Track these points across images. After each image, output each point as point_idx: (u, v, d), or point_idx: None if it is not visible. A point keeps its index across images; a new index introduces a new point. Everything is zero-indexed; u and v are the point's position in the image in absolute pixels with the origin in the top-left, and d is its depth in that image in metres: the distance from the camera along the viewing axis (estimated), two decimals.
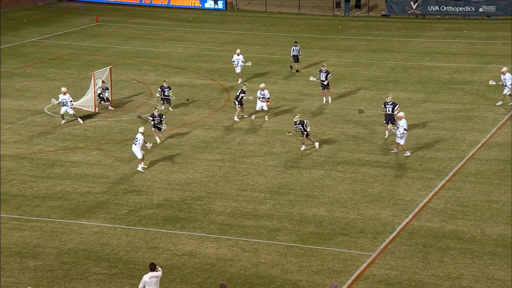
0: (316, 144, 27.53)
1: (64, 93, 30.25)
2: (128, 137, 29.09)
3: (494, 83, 32.01)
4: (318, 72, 33.23)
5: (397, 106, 27.93)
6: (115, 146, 28.22)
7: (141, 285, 16.99)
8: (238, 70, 35.92)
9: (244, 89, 30.70)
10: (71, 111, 30.46)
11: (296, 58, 37.94)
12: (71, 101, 30.25)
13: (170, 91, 31.81)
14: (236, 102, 30.61)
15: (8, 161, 26.60)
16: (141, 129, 25.66)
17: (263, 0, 56.93)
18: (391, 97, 28.11)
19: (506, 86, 31.58)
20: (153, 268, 17.09)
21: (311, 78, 33.22)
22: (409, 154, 26.73)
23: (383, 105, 28.31)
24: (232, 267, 19.36)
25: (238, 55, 35.85)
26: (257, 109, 30.86)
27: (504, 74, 31.57)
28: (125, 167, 26.08)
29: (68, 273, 19.05)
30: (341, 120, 31.06)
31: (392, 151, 27.17)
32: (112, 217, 22.23)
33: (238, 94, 30.68)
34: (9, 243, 20.57)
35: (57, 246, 20.41)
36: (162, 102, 31.85)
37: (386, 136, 28.63)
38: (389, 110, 27.71)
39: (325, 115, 31.78)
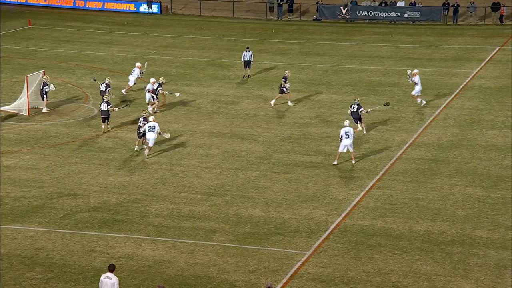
0: None
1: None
2: (63, 141, 28.80)
3: (408, 78, 33.26)
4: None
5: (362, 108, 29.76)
6: (50, 150, 27.90)
7: (100, 284, 16.85)
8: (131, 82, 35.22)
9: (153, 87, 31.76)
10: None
11: (247, 64, 37.74)
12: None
13: (108, 89, 31.75)
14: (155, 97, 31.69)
15: None
16: (151, 118, 27.26)
17: (197, 4, 57.02)
18: (358, 99, 30.06)
19: (415, 84, 32.86)
20: (111, 269, 16.89)
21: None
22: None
23: (349, 107, 30.16)
24: (169, 268, 19.42)
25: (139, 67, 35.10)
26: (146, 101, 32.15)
27: (414, 76, 32.75)
28: (60, 171, 25.82)
29: (1, 279, 18.75)
30: (275, 122, 31.46)
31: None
32: (47, 221, 21.97)
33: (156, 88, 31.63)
34: None
35: None
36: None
37: (364, 132, 29.82)
38: (354, 108, 29.55)
39: (260, 117, 32.13)
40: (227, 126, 30.86)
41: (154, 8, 56.47)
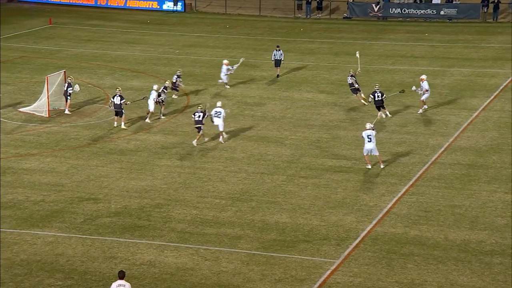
0: None
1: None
2: (84, 143, 28.41)
3: (415, 89, 31.92)
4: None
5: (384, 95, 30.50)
6: (70, 153, 27.53)
7: None
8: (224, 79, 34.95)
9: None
10: None
11: (278, 63, 37.30)
12: None
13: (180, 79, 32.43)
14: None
15: None
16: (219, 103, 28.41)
17: (223, 2, 56.56)
18: (378, 85, 30.65)
19: (423, 92, 31.37)
20: (121, 276, 16.70)
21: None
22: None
23: (371, 95, 30.51)
24: (192, 276, 19.01)
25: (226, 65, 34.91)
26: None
27: (422, 82, 31.48)
28: (81, 174, 25.44)
29: (20, 285, 18.50)
30: (303, 125, 30.90)
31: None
32: (68, 226, 21.64)
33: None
34: None
35: (8, 258, 19.79)
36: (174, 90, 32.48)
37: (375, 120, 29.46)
38: (378, 97, 30.05)
39: (287, 119, 31.57)
40: (253, 128, 30.35)
41: (179, 6, 56.05)
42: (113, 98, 29.74)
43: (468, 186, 24.67)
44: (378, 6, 53.18)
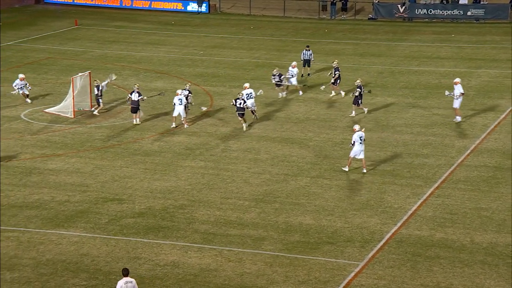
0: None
1: (22, 79, 32.96)
2: (108, 144, 28.50)
3: (448, 93, 31.15)
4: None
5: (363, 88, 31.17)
6: (95, 153, 27.64)
7: None
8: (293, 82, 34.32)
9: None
10: (26, 92, 33.00)
11: (306, 63, 37.17)
12: (27, 84, 33.13)
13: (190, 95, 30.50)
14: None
15: None
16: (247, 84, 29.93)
17: (247, 3, 56.51)
18: (359, 80, 31.25)
19: (456, 97, 30.27)
20: (126, 273, 16.81)
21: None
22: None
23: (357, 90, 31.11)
24: (216, 277, 18.96)
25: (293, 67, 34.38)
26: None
27: (456, 85, 30.54)
28: (105, 175, 25.52)
29: (46, 285, 18.60)
30: (327, 126, 30.72)
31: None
32: (92, 226, 21.71)
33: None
34: None
35: (34, 257, 19.90)
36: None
37: (353, 115, 31.18)
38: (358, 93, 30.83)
39: (311, 120, 31.41)
40: (277, 130, 30.24)
41: (203, 7, 56.12)
42: (131, 94, 29.93)
43: (495, 188, 24.35)
44: (404, 7, 52.76)
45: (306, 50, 37.32)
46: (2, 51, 43.55)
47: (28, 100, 33.16)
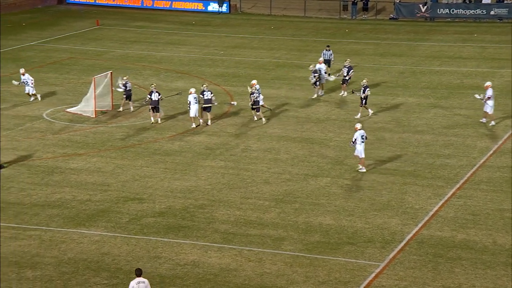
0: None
1: (23, 74, 32.93)
2: (129, 144, 28.63)
3: (479, 97, 30.66)
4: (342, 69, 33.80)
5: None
6: (116, 153, 27.75)
7: None
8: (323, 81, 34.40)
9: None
10: (32, 91, 33.21)
11: (327, 63, 36.95)
12: (31, 80, 33.06)
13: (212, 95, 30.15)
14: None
15: (6, 168, 26.13)
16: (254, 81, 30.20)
17: (268, 3, 56.47)
18: (365, 80, 31.38)
19: (485, 100, 29.68)
20: (139, 273, 16.85)
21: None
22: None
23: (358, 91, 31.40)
24: (236, 277, 18.95)
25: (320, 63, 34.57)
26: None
27: (487, 89, 29.90)
28: (126, 174, 25.63)
29: (67, 283, 18.69)
30: (348, 126, 30.58)
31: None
32: (113, 225, 21.81)
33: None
34: (7, 253, 20.16)
35: (56, 256, 20.02)
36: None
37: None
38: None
39: (332, 121, 31.31)
40: (297, 130, 30.19)
41: (224, 7, 56.16)
42: (150, 95, 30.12)
43: None
44: (425, 7, 52.39)
45: (326, 50, 37.22)
46: (24, 51, 43.94)
47: (32, 98, 33.37)
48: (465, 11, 52.02)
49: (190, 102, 29.74)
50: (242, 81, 37.34)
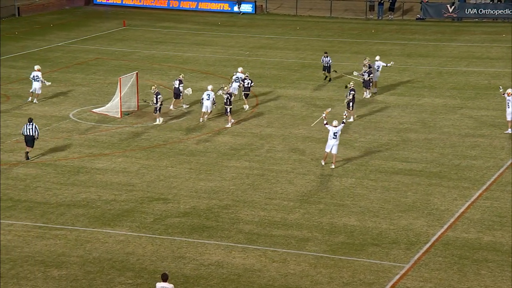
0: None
1: (38, 70, 33.23)
2: (154, 144, 28.76)
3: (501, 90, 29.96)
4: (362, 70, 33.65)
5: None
6: (141, 153, 27.89)
7: None
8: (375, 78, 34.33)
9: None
10: (38, 91, 33.22)
11: (326, 69, 36.72)
12: (41, 80, 33.03)
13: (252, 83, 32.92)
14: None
15: (33, 168, 26.39)
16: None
17: (293, 4, 56.38)
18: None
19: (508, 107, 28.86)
20: (165, 278, 16.80)
21: (355, 73, 33.49)
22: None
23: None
24: (260, 278, 18.94)
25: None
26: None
27: (509, 95, 28.94)
28: (151, 175, 25.73)
29: (92, 282, 18.80)
30: (373, 127, 30.42)
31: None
32: (138, 225, 21.90)
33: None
34: (33, 252, 20.33)
35: (81, 255, 20.15)
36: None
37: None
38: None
39: (357, 121, 31.12)
40: (322, 130, 29.96)
41: (247, 7, 56.11)
42: (175, 82, 32.00)
43: None
44: (453, 7, 51.90)
45: (324, 57, 36.85)
46: (52, 52, 44.36)
47: (30, 98, 33.25)
48: (494, 11, 51.43)
49: (203, 98, 30.54)
50: (267, 82, 37.30)
